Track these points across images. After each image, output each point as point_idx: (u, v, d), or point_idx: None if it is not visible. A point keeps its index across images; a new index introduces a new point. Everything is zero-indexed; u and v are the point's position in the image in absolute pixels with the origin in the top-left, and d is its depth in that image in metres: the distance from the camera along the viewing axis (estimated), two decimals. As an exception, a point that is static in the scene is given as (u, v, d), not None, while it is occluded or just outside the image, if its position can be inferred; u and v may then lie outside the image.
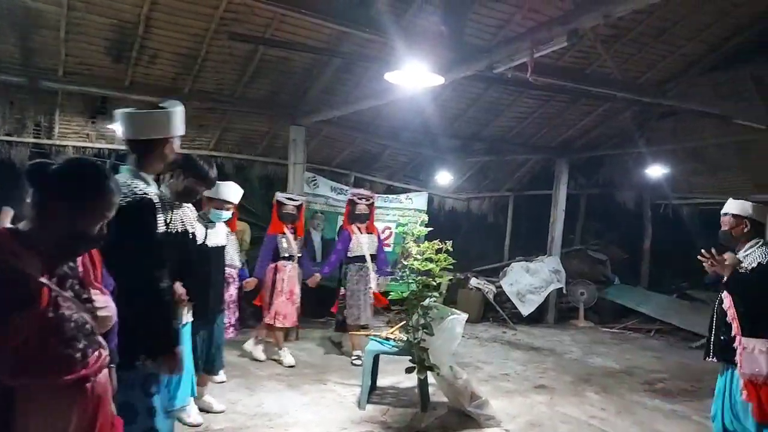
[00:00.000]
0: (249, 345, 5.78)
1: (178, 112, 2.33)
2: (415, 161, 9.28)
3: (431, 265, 4.24)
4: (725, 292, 3.42)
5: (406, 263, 4.31)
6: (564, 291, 8.97)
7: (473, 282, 8.91)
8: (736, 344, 3.30)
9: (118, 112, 2.34)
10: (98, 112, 6.41)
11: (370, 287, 5.78)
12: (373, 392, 4.75)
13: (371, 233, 5.93)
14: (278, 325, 5.47)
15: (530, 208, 10.91)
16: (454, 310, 4.52)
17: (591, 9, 3.11)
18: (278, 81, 6.47)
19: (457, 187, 10.14)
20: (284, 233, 5.53)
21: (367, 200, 5.90)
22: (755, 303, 3.28)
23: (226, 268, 4.31)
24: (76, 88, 5.97)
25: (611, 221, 11.01)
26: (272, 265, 5.47)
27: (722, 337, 3.42)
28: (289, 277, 5.52)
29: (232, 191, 4.28)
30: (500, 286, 8.69)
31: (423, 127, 8.08)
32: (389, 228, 8.38)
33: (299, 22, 5.36)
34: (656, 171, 8.90)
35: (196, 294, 3.91)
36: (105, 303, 1.64)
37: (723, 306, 3.43)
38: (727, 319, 3.38)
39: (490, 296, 8.69)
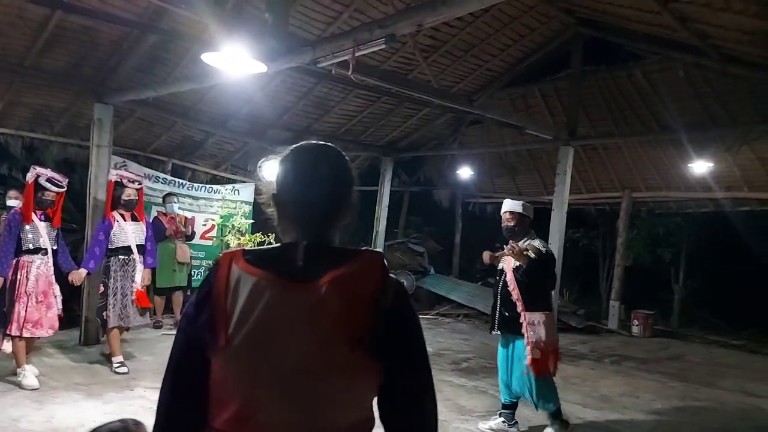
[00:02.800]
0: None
1: None
2: (243, 151, 8.96)
3: (252, 259, 4.13)
4: (509, 276, 4.06)
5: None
6: (386, 282, 9.47)
7: (301, 275, 8.93)
8: (521, 319, 3.96)
9: None
10: None
11: (134, 283, 5.07)
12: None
13: (138, 221, 5.23)
14: (26, 334, 4.49)
15: (359, 203, 11.30)
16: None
17: (406, 17, 3.34)
18: (80, 52, 5.70)
19: (287, 180, 10.05)
20: (32, 222, 4.63)
21: (138, 184, 5.26)
22: (537, 283, 3.96)
23: None
24: None
25: (429, 217, 11.98)
26: (13, 261, 4.53)
27: (506, 314, 4.06)
28: (38, 275, 4.59)
29: None
30: (327, 279, 8.85)
31: (251, 117, 7.84)
32: (212, 220, 7.96)
33: (107, -11, 4.79)
34: (466, 172, 9.92)
35: None
36: None
37: (507, 288, 4.06)
38: (512, 298, 4.02)
39: (317, 289, 8.80)
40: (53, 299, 4.72)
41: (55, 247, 4.81)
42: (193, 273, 7.55)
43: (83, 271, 5.00)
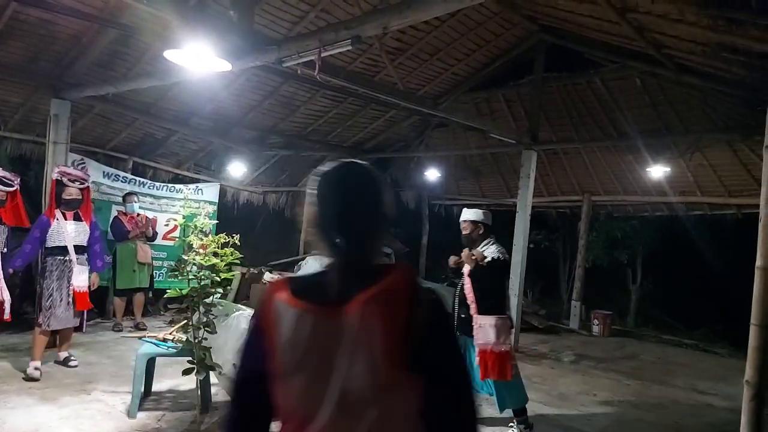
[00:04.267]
0: None
1: None
2: (207, 150, 8.81)
3: (216, 260, 4.07)
4: (466, 279, 4.18)
5: (187, 258, 4.05)
6: (352, 283, 9.47)
7: (267, 276, 8.84)
8: (473, 322, 4.08)
9: None
10: None
11: (71, 284, 4.85)
12: (147, 398, 4.39)
13: (81, 221, 4.98)
14: None
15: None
16: (239, 306, 4.43)
17: (372, 19, 3.36)
18: (38, 46, 5.51)
19: (253, 179, 9.93)
20: None
21: (80, 183, 4.99)
22: (488, 288, 4.10)
23: None
24: None
25: (396, 218, 12.02)
26: None
27: (462, 315, 4.19)
28: None
29: None
30: (293, 280, 8.78)
31: (215, 115, 7.73)
32: (174, 220, 7.79)
33: (65, -19, 4.65)
34: (432, 174, 10.01)
35: None
36: None
37: (464, 291, 4.20)
38: (467, 301, 4.15)
39: (283, 290, 8.72)
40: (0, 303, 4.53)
41: (5, 250, 4.62)
42: (154, 274, 7.38)
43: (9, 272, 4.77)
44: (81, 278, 4.91)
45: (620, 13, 5.08)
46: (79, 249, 4.91)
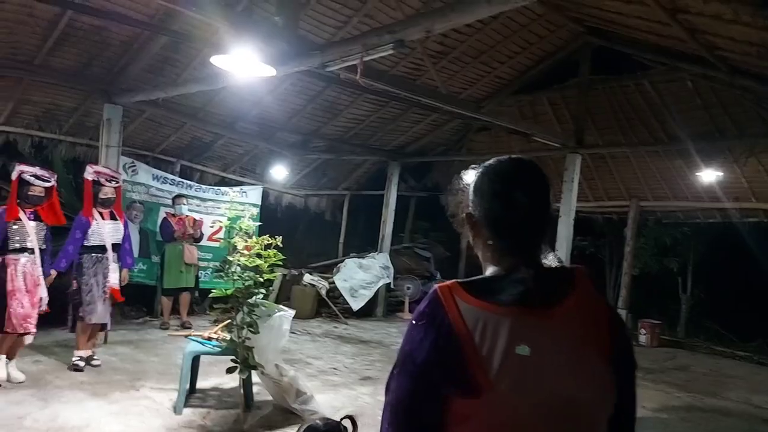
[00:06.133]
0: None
1: None
2: (252, 153, 9.01)
3: (259, 261, 4.15)
4: None
5: (231, 259, 4.14)
6: (392, 286, 9.49)
7: (307, 278, 8.95)
8: None
9: None
10: None
11: (108, 281, 5.04)
12: (192, 396, 4.49)
13: (116, 220, 5.19)
14: (21, 330, 4.49)
15: (366, 207, 11.32)
16: (281, 306, 4.49)
17: (416, 22, 3.35)
18: (91, 52, 5.76)
19: (295, 183, 10.10)
20: (19, 219, 4.51)
21: (115, 182, 5.19)
22: None
23: None
24: None
25: (437, 222, 11.97)
26: None
27: None
28: (24, 273, 4.52)
29: None
30: (333, 282, 8.87)
31: (260, 119, 7.89)
32: (219, 222, 8.00)
33: (120, -10, 4.85)
34: (474, 178, 9.88)
35: None
36: None
37: None
38: None
39: (323, 292, 8.82)
40: (37, 299, 4.63)
41: (43, 247, 4.70)
42: (200, 274, 7.59)
43: (52, 276, 4.86)
44: (115, 276, 5.10)
45: (670, 14, 4.89)
46: (115, 247, 5.13)
